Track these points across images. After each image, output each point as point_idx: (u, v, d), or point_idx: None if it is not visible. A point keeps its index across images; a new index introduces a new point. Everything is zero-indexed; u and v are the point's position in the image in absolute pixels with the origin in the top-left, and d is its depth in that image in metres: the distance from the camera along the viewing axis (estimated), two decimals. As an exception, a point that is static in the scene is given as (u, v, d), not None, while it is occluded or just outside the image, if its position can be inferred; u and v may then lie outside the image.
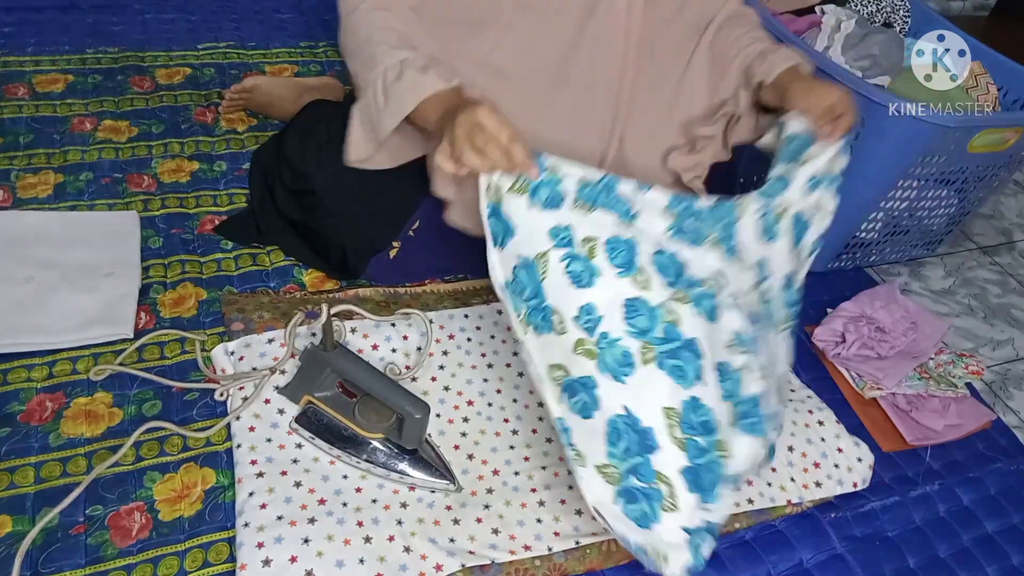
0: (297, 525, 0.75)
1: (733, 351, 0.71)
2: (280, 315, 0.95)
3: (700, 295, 0.70)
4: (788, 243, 0.81)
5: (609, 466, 0.66)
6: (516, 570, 0.78)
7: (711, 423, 0.67)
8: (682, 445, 0.66)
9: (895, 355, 1.10)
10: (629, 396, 0.67)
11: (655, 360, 0.67)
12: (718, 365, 0.69)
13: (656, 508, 0.65)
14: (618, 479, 0.66)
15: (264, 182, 1.09)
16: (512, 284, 0.70)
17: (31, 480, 0.78)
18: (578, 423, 0.68)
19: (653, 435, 0.66)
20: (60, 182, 1.11)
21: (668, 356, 0.67)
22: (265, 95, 1.26)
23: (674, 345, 0.67)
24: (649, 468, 0.66)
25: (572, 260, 0.69)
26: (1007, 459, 1.05)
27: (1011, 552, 0.95)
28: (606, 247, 0.69)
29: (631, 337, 0.67)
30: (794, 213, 0.82)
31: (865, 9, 1.34)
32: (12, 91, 1.24)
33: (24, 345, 0.88)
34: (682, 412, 0.67)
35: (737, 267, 0.76)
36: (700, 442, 0.66)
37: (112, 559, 0.73)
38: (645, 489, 0.66)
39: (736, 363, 0.70)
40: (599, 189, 0.71)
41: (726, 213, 0.77)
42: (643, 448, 0.66)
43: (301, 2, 1.64)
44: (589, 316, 0.68)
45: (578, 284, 0.68)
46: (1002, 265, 1.47)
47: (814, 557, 0.87)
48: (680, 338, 0.67)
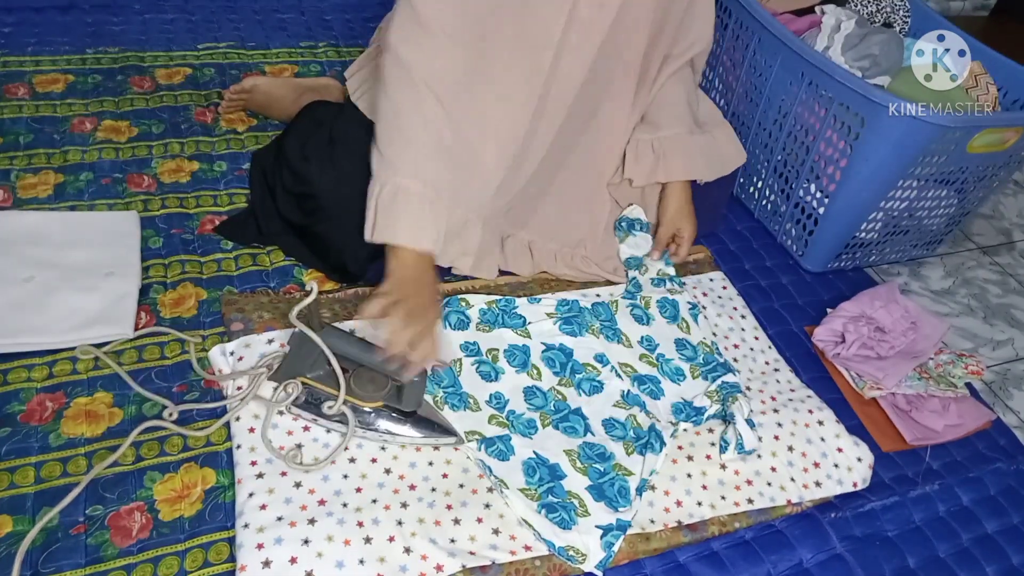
0: (297, 526, 0.75)
1: (618, 407, 0.93)
2: (280, 315, 0.95)
3: (581, 380, 0.95)
4: (663, 321, 1.06)
5: (529, 490, 0.82)
6: (516, 570, 0.78)
7: (605, 454, 0.87)
8: (584, 472, 0.85)
9: (895, 355, 1.10)
10: (537, 445, 0.87)
11: (551, 424, 0.90)
12: (604, 421, 0.91)
13: (573, 515, 0.81)
14: (538, 498, 0.82)
15: (264, 182, 1.09)
16: (431, 376, 0.90)
17: (31, 480, 0.78)
18: (497, 464, 0.84)
19: (560, 468, 0.85)
20: (60, 182, 1.11)
21: (561, 420, 0.90)
22: (265, 95, 1.26)
23: (563, 413, 0.91)
24: (562, 489, 0.83)
25: (480, 363, 0.94)
26: (1007, 459, 1.05)
27: (1011, 552, 0.95)
28: (505, 354, 0.96)
29: (531, 411, 0.91)
30: (656, 300, 1.07)
31: (865, 9, 1.34)
32: (12, 91, 1.24)
33: (24, 345, 0.88)
34: (579, 451, 0.87)
35: (619, 346, 1.01)
36: (599, 467, 0.86)
37: (112, 559, 0.73)
38: (562, 503, 0.81)
39: (622, 416, 0.92)
40: (498, 312, 0.99)
41: (604, 311, 1.04)
42: (554, 476, 0.84)
43: (301, 2, 1.64)
44: (498, 400, 0.91)
45: (487, 380, 0.93)
46: (1002, 265, 1.47)
47: (814, 557, 0.87)
48: (567, 408, 0.92)
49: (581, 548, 0.78)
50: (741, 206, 1.39)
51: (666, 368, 1.00)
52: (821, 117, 1.17)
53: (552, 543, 0.78)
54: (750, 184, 1.37)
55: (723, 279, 1.19)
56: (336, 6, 1.65)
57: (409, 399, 0.84)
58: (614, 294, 1.07)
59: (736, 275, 1.22)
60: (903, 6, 1.36)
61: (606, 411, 0.92)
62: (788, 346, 1.12)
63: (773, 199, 1.32)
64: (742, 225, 1.35)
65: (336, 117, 1.04)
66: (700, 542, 0.85)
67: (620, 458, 0.87)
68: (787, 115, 1.23)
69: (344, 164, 0.97)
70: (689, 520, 0.85)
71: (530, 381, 0.94)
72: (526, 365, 0.96)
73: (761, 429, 0.95)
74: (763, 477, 0.91)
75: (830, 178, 1.18)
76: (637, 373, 0.98)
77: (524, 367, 0.95)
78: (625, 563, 0.82)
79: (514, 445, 0.86)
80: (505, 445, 0.86)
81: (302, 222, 1.03)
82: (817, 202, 1.23)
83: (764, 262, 1.28)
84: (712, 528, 0.86)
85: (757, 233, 1.34)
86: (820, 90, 1.15)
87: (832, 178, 1.18)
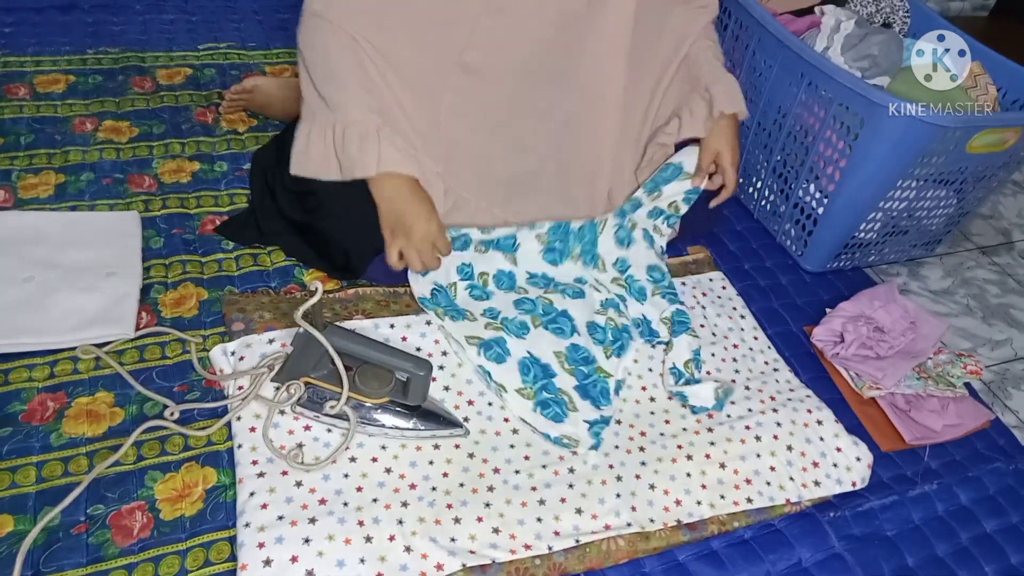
0: (298, 525, 0.75)
1: (599, 314, 1.03)
2: (281, 315, 0.95)
3: (565, 287, 1.05)
4: (643, 246, 1.12)
5: (525, 388, 0.92)
6: (516, 569, 0.78)
7: (589, 357, 0.98)
8: (571, 372, 0.96)
9: (894, 355, 1.10)
10: (530, 345, 0.96)
11: (542, 325, 0.99)
12: (588, 324, 1.01)
13: (564, 409, 0.91)
14: (533, 396, 0.92)
15: (265, 182, 1.09)
16: (429, 299, 1.00)
17: (32, 480, 0.78)
18: (495, 367, 0.93)
19: (551, 367, 0.95)
20: (61, 182, 1.11)
21: (550, 322, 0.99)
22: (265, 96, 1.26)
23: (552, 315, 1.00)
24: (553, 386, 0.93)
25: (472, 288, 1.03)
26: (1006, 459, 1.05)
27: (1010, 551, 0.95)
28: (494, 279, 1.04)
29: (522, 315, 1.00)
30: (642, 229, 1.12)
31: (864, 9, 1.34)
32: (13, 91, 1.24)
33: (25, 345, 0.88)
34: (566, 353, 0.97)
35: (595, 270, 1.10)
36: (584, 370, 0.96)
37: (113, 558, 0.73)
38: (554, 399, 0.92)
39: (601, 320, 1.02)
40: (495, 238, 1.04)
41: (589, 231, 1.09)
42: (546, 375, 0.94)
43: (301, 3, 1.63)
44: (491, 313, 1.00)
45: (478, 300, 1.02)
46: (1001, 265, 1.47)
47: (813, 556, 0.87)
48: (556, 311, 1.01)
49: (573, 436, 0.89)
50: (740, 206, 1.39)
51: (632, 289, 1.08)
52: (820, 117, 1.17)
53: (548, 434, 0.89)
54: (749, 184, 1.38)
55: (722, 279, 1.19)
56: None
57: (414, 393, 0.85)
58: (607, 214, 1.11)
59: (735, 275, 1.22)
60: (903, 6, 1.36)
61: (589, 315, 1.02)
62: (787, 346, 1.13)
63: (772, 199, 1.33)
64: (741, 225, 1.35)
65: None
66: (699, 541, 0.86)
67: (601, 361, 0.98)
68: (786, 115, 1.24)
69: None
70: (688, 519, 0.86)
71: (519, 296, 1.03)
72: (513, 287, 1.05)
73: (760, 429, 0.95)
74: (762, 476, 0.91)
75: (829, 178, 1.19)
76: (610, 293, 1.08)
77: (511, 288, 1.04)
78: (625, 562, 0.82)
79: (509, 347, 0.95)
80: (501, 348, 0.95)
81: (303, 220, 1.03)
82: (816, 202, 1.23)
83: (763, 262, 1.28)
84: (711, 527, 0.86)
85: (756, 233, 1.34)
86: (819, 90, 1.15)
87: (831, 178, 1.18)
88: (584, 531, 0.82)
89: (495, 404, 0.93)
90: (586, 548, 0.81)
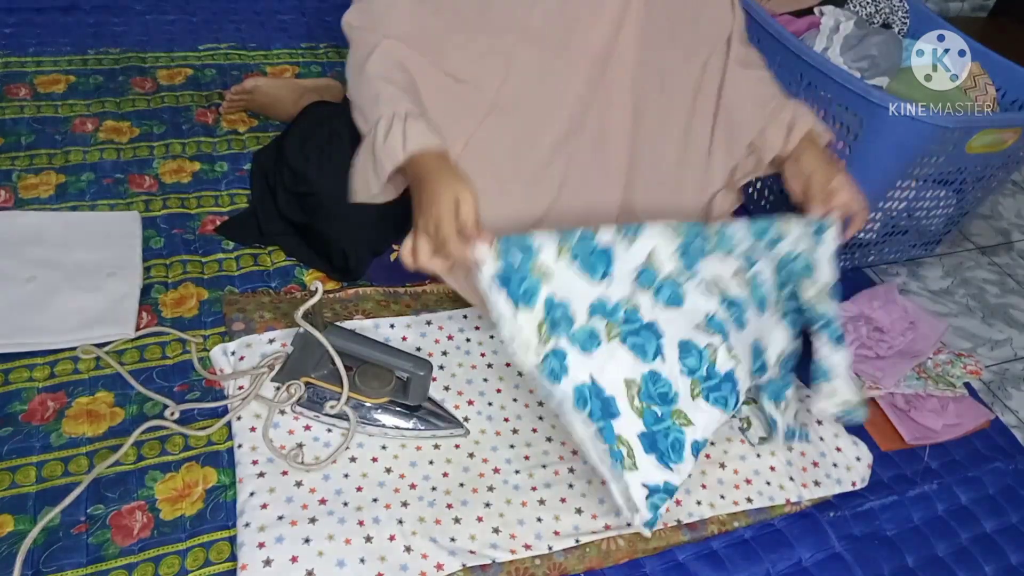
0: (298, 525, 0.75)
1: (699, 330, 0.78)
2: (281, 315, 0.95)
3: (660, 284, 0.78)
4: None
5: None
6: (516, 569, 0.78)
7: (669, 395, 0.76)
8: (640, 413, 0.75)
9: (893, 355, 1.10)
10: (595, 367, 0.74)
11: (619, 336, 0.75)
12: (680, 343, 0.77)
13: (620, 466, 0.73)
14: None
15: (265, 182, 1.10)
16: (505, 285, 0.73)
17: (33, 479, 0.78)
18: (548, 384, 0.73)
19: (615, 403, 0.74)
20: (62, 182, 1.11)
21: (631, 334, 0.76)
22: (265, 96, 1.27)
23: (635, 326, 0.76)
24: (611, 432, 0.73)
25: None
26: (1005, 458, 1.05)
27: (1009, 551, 0.95)
28: None
29: (596, 319, 0.75)
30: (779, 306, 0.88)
31: (864, 10, 1.34)
32: (13, 92, 1.24)
33: (26, 345, 0.88)
34: (641, 384, 0.75)
35: (716, 256, 0.81)
36: (657, 412, 0.75)
37: (113, 558, 0.73)
38: (609, 449, 0.73)
39: (702, 342, 0.77)
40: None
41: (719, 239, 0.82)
42: (606, 414, 0.73)
43: (302, 3, 1.64)
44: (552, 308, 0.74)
45: None
46: (1000, 265, 1.47)
47: (813, 556, 0.87)
48: (640, 321, 0.76)
49: (629, 498, 0.72)
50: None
51: (756, 292, 0.81)
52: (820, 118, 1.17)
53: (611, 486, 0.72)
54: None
55: (722, 279, 1.18)
56: (337, 7, 1.65)
57: (414, 393, 0.85)
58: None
59: (735, 275, 1.22)
60: (902, 7, 1.36)
61: (685, 331, 0.77)
62: (787, 346, 1.13)
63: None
64: (741, 225, 1.35)
65: (336, 117, 1.04)
66: (699, 541, 0.86)
67: (683, 402, 0.75)
68: (786, 116, 1.24)
69: (344, 162, 0.98)
70: (688, 519, 0.86)
71: (600, 290, 0.76)
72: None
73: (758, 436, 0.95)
74: (762, 476, 0.91)
75: (829, 178, 1.19)
76: (727, 295, 0.80)
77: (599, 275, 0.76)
78: (624, 562, 0.82)
79: (568, 364, 0.72)
80: (559, 363, 0.72)
81: (303, 221, 1.03)
82: (816, 202, 1.23)
83: (763, 262, 1.28)
84: (711, 527, 0.86)
85: (756, 233, 1.34)
86: (819, 91, 1.15)
87: (831, 178, 1.18)
88: (584, 531, 0.82)
89: (495, 404, 0.93)
90: (586, 548, 0.81)
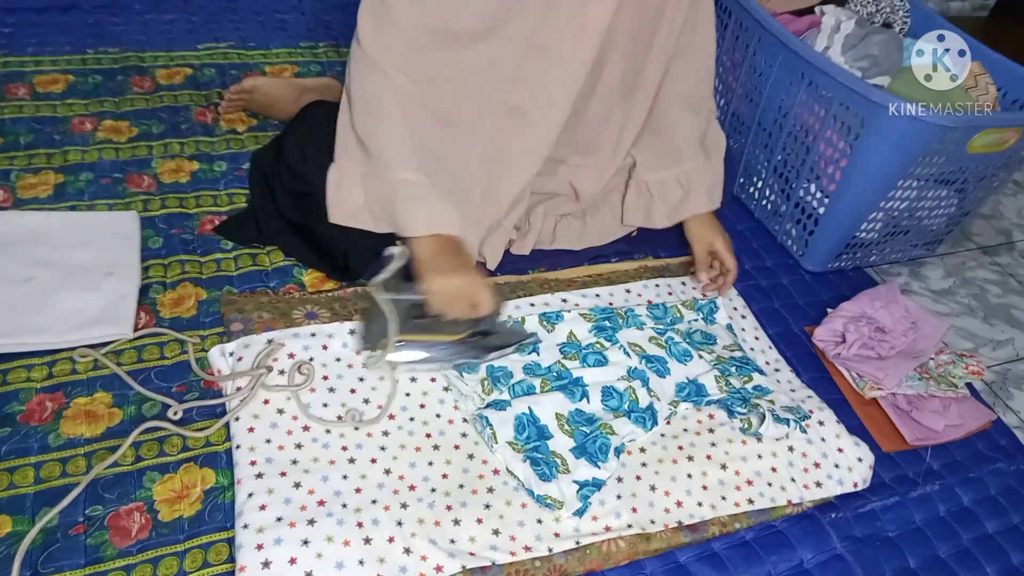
0: (296, 526, 0.75)
1: (622, 380, 0.95)
2: (279, 315, 0.95)
3: (587, 354, 0.98)
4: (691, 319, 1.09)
5: (516, 444, 0.86)
6: (516, 571, 0.77)
7: (593, 419, 0.91)
8: (570, 434, 0.89)
9: (895, 355, 1.10)
10: (532, 402, 0.90)
11: (551, 389, 0.93)
12: (603, 388, 0.93)
13: (554, 471, 0.85)
14: (523, 451, 0.86)
15: (264, 182, 1.09)
16: None
17: (31, 480, 0.78)
18: (493, 413, 0.88)
19: (548, 429, 0.88)
20: (60, 182, 1.11)
21: (560, 388, 0.93)
22: (265, 96, 1.26)
23: (564, 381, 0.94)
24: (547, 448, 0.87)
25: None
26: (1007, 459, 1.05)
27: (1011, 552, 0.95)
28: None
29: (532, 378, 0.94)
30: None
31: (864, 9, 1.34)
32: (12, 91, 1.24)
33: (24, 345, 0.88)
34: (568, 416, 0.90)
35: (632, 329, 1.04)
36: (584, 430, 0.89)
37: (111, 559, 0.73)
38: (545, 459, 0.85)
39: (622, 387, 0.94)
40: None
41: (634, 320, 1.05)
42: (541, 436, 0.88)
43: (301, 3, 1.64)
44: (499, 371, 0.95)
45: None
46: (1002, 265, 1.47)
47: (814, 557, 0.87)
48: (569, 376, 0.95)
49: (558, 497, 0.82)
50: (741, 206, 1.39)
51: (674, 350, 1.02)
52: (821, 117, 1.16)
53: (532, 491, 0.83)
54: (750, 184, 1.37)
55: (723, 279, 1.19)
56: (336, 6, 1.65)
57: (488, 320, 0.92)
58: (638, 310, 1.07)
59: (736, 275, 1.22)
60: (903, 6, 1.36)
61: (609, 381, 0.95)
62: (788, 346, 1.12)
63: (773, 199, 1.32)
64: (742, 225, 1.35)
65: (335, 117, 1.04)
66: (700, 543, 0.85)
67: (607, 420, 0.91)
68: (787, 115, 1.23)
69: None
70: (689, 520, 0.85)
71: (532, 359, 0.97)
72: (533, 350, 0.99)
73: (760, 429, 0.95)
74: (763, 477, 0.91)
75: (830, 178, 1.18)
76: (645, 352, 1.01)
77: (528, 351, 0.98)
78: (625, 563, 0.82)
79: (510, 400, 0.90)
80: (503, 405, 0.90)
81: (302, 221, 1.03)
82: (817, 202, 1.23)
83: (764, 262, 1.28)
84: (712, 528, 0.86)
85: (757, 233, 1.34)
86: (820, 90, 1.15)
87: (832, 178, 1.18)
88: (584, 532, 0.82)
89: (495, 405, 0.93)
90: (586, 550, 0.80)
